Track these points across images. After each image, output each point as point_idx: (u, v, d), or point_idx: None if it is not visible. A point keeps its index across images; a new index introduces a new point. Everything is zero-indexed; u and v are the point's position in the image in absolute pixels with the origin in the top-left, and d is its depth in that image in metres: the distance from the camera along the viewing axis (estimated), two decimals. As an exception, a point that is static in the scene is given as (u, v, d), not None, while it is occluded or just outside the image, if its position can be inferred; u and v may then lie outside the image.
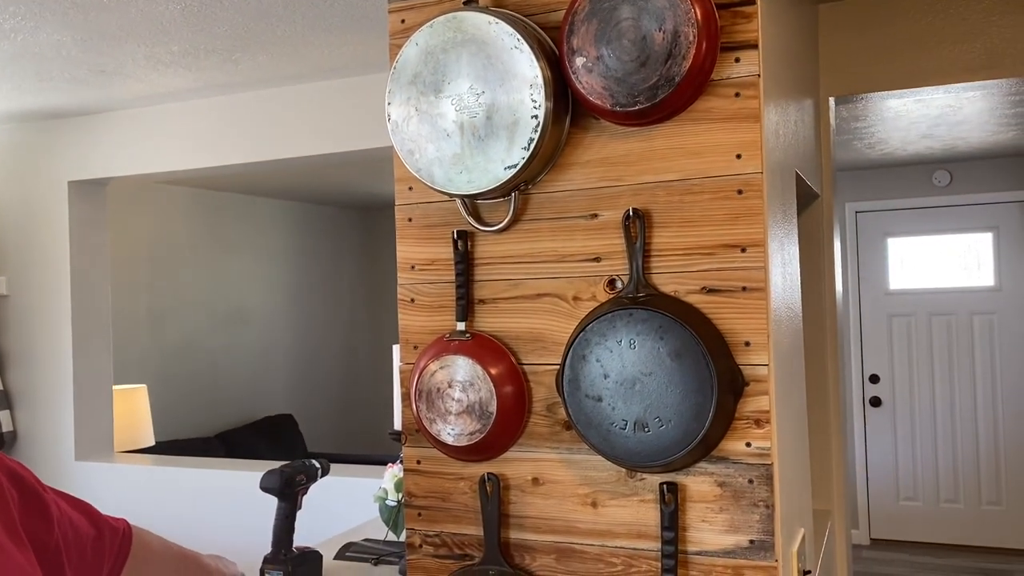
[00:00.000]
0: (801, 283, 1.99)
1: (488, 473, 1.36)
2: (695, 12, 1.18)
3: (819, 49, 2.37)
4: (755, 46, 1.22)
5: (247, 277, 5.79)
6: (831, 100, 2.39)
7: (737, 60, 1.23)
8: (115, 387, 3.87)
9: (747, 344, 1.23)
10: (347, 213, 6.88)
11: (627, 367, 1.23)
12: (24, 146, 3.69)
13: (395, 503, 2.06)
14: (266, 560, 1.81)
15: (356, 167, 4.87)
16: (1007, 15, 2.19)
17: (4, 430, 3.62)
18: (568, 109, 1.30)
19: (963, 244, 5.42)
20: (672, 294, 1.26)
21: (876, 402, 5.53)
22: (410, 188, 1.43)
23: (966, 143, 4.65)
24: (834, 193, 2.43)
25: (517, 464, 1.36)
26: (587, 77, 1.24)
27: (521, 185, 1.31)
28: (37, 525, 0.86)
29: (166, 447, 4.48)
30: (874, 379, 5.55)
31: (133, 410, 3.94)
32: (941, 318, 5.43)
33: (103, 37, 2.57)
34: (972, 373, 5.35)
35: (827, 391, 2.36)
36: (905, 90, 2.33)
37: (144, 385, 4.12)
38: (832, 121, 2.42)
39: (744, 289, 1.23)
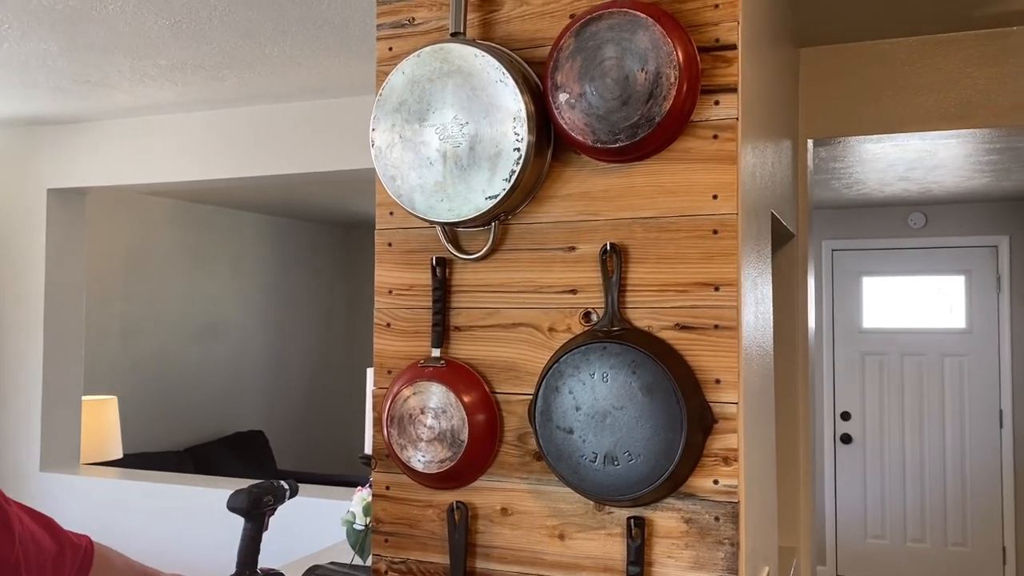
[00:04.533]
0: (774, 321, 2.02)
1: (457, 501, 1.36)
2: (677, 54, 1.20)
3: (799, 92, 2.41)
4: (735, 90, 1.25)
5: (223, 291, 5.75)
6: (809, 142, 2.43)
7: (716, 103, 1.26)
8: (85, 398, 3.83)
9: (718, 382, 1.24)
10: (326, 230, 6.87)
11: (599, 400, 1.24)
12: (5, 152, 3.67)
13: (363, 527, 2.05)
14: (230, 581, 1.79)
15: (337, 185, 4.88)
16: (982, 67, 2.25)
17: (-32, 438, 3.57)
18: (550, 143, 1.32)
19: (936, 286, 5.50)
20: (646, 329, 1.28)
21: (847, 439, 5.57)
22: (391, 213, 1.44)
23: (941, 187, 4.73)
24: (809, 233, 2.46)
25: (486, 493, 1.36)
26: (570, 113, 1.26)
27: (501, 215, 1.33)
28: (-1, 541, 0.86)
29: (134, 460, 4.43)
30: (845, 416, 5.60)
31: (102, 421, 3.89)
32: (913, 358, 5.50)
33: (90, 48, 2.57)
34: (942, 414, 5.41)
35: (797, 428, 2.38)
36: (882, 135, 2.38)
37: (114, 396, 4.07)
38: (810, 163, 2.46)
39: (716, 327, 1.25)
